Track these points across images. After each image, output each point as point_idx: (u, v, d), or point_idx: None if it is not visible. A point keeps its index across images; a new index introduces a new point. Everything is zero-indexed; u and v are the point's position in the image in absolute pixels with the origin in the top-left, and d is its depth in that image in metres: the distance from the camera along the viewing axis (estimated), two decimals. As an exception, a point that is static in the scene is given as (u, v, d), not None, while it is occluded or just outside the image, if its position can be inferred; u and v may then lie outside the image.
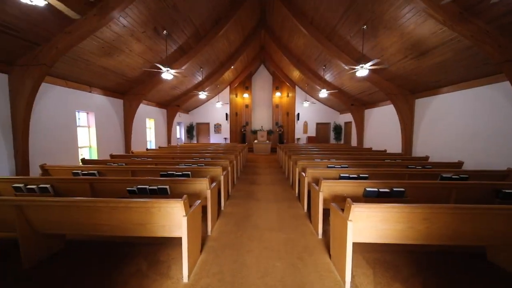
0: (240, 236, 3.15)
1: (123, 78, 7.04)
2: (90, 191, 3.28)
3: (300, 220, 3.73)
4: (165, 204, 2.19)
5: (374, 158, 6.16)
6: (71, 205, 2.29)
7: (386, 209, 2.09)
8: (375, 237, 2.19)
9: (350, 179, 3.88)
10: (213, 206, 3.33)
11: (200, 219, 2.68)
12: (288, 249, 2.81)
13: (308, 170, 4.07)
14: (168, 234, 2.31)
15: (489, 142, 4.95)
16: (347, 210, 2.12)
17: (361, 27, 5.69)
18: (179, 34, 6.54)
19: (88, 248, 2.83)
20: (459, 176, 3.85)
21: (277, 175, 7.36)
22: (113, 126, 7.72)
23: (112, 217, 2.30)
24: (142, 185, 3.19)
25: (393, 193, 2.99)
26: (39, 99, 5.04)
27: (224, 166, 5.04)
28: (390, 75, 6.97)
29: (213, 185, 3.48)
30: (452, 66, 5.20)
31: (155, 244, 2.88)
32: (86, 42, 4.87)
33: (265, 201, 4.71)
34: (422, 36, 4.84)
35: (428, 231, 2.12)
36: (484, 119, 5.07)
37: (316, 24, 7.01)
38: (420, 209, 2.07)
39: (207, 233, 3.22)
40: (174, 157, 6.40)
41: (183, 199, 2.15)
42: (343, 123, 13.97)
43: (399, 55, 5.83)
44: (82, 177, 3.52)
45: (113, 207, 2.25)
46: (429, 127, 6.88)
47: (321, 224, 3.09)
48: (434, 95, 6.56)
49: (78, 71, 5.72)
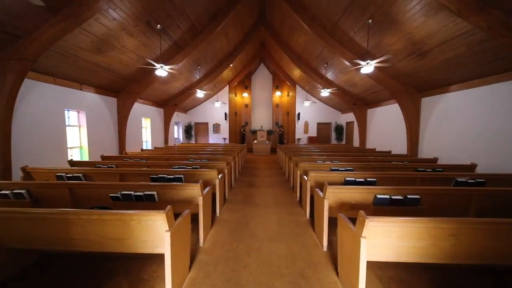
0: (236, 247, 2.84)
1: (116, 76, 6.73)
2: (70, 198, 2.96)
3: (302, 228, 3.41)
4: (146, 216, 1.87)
5: (379, 159, 5.84)
6: (35, 217, 1.97)
7: (406, 224, 1.77)
8: (392, 255, 1.87)
9: (356, 183, 3.57)
10: (205, 215, 3.01)
11: (188, 231, 2.36)
12: (290, 264, 2.49)
13: (311, 173, 3.75)
14: (151, 250, 1.99)
15: (504, 143, 4.63)
16: (360, 224, 1.80)
17: (365, 21, 5.37)
18: (174, 29, 6.22)
19: (64, 262, 2.51)
20: (475, 181, 3.53)
21: (277, 177, 7.04)
22: (106, 126, 7.40)
23: (86, 231, 1.98)
24: (127, 191, 2.87)
25: (407, 200, 2.67)
26: (24, 97, 4.73)
27: (220, 168, 4.72)
28: (395, 73, 6.65)
29: (206, 190, 3.16)
30: (464, 61, 4.88)
31: (139, 258, 2.55)
32: (73, 36, 4.55)
33: (264, 206, 4.39)
34: (432, 29, 4.52)
35: (455, 248, 1.81)
36: (500, 118, 4.74)
37: (318, 19, 6.69)
38: (446, 224, 1.75)
39: (199, 244, 2.90)
40: (169, 158, 6.08)
41: (166, 211, 1.83)
42: (344, 123, 13.65)
43: (406, 51, 5.50)
44: (60, 181, 3.20)
45: (86, 220, 1.94)
46: (436, 127, 6.56)
47: (326, 235, 2.77)
48: (442, 93, 6.24)
49: (67, 67, 5.40)
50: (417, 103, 7.15)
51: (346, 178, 3.62)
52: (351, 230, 1.92)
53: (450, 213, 2.88)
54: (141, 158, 5.93)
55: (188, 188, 2.90)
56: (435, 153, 6.42)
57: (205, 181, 3.89)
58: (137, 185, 2.99)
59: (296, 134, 14.91)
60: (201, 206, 2.82)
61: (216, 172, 3.95)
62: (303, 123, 14.86)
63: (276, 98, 15.22)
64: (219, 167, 4.70)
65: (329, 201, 2.75)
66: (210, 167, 4.60)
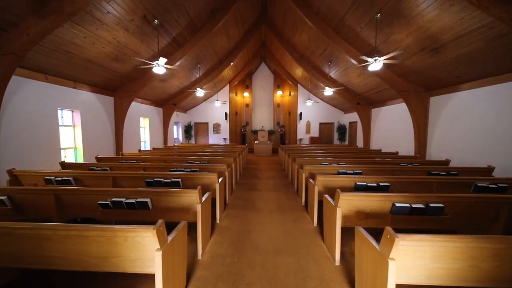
0: (237, 261, 2.56)
1: (112, 73, 6.45)
2: (55, 205, 2.69)
3: (310, 237, 3.13)
4: (133, 233, 1.59)
5: (387, 162, 5.56)
6: (5, 232, 1.69)
7: (440, 243, 1.50)
8: (423, 277, 1.59)
9: (368, 189, 3.30)
10: (204, 224, 2.73)
11: (185, 246, 2.08)
12: (299, 282, 2.21)
13: (319, 177, 3.47)
14: (141, 270, 1.72)
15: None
16: (387, 243, 1.52)
17: (374, 15, 5.09)
18: (172, 24, 5.94)
19: (46, 281, 2.24)
20: (497, 186, 3.26)
21: (280, 179, 6.76)
22: (102, 126, 7.12)
23: (65, 248, 1.70)
24: (118, 198, 2.60)
25: (429, 209, 2.39)
26: (12, 95, 4.45)
27: (221, 171, 4.45)
28: (403, 70, 6.36)
29: (205, 196, 2.88)
30: (479, 58, 4.59)
31: (130, 276, 2.27)
32: (64, 30, 4.28)
33: (267, 212, 4.11)
34: (445, 23, 4.23)
35: (498, 271, 1.53)
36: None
37: (322, 14, 6.41)
38: (490, 243, 1.47)
39: (197, 256, 2.62)
40: (166, 160, 5.80)
41: (156, 227, 1.55)
42: (347, 123, 13.36)
43: (416, 47, 5.21)
44: (44, 187, 2.93)
45: (64, 236, 1.66)
46: (446, 127, 6.27)
47: (338, 247, 2.49)
48: (453, 92, 5.95)
49: (60, 64, 5.12)
50: (426, 103, 6.86)
51: (357, 183, 3.34)
52: (375, 249, 1.64)
53: (475, 223, 2.60)
54: (137, 159, 5.65)
55: (185, 195, 2.62)
56: (445, 155, 6.14)
57: (205, 186, 3.62)
58: (128, 191, 2.72)
59: (298, 134, 14.63)
60: (199, 214, 2.54)
61: (216, 175, 3.67)
62: (305, 123, 14.57)
63: (278, 97, 14.94)
64: (219, 169, 4.42)
65: (342, 209, 2.47)
66: (210, 170, 4.32)
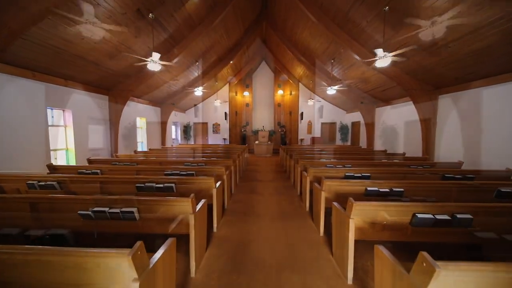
0: (236, 280, 2.25)
1: (105, 71, 6.15)
2: (31, 215, 2.39)
3: (316, 250, 2.83)
4: (105, 258, 1.29)
5: (395, 164, 5.26)
6: None
7: (486, 273, 1.19)
8: (463, 313, 1.29)
9: (380, 195, 2.99)
10: (198, 237, 2.43)
11: (172, 268, 1.78)
12: (307, 307, 1.91)
13: (326, 182, 3.16)
14: (118, 300, 1.42)
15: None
16: (421, 272, 1.22)
17: (381, 8, 4.78)
18: (169, 19, 5.64)
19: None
20: (523, 192, 2.95)
21: (281, 182, 6.46)
22: (96, 126, 6.82)
23: (24, 274, 1.40)
24: (101, 207, 2.30)
25: (455, 221, 2.09)
26: (-5, 93, 4.16)
27: (219, 174, 4.14)
28: (411, 68, 6.05)
29: (200, 204, 2.58)
30: (495, 53, 4.29)
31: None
32: (51, 24, 3.97)
33: (269, 219, 3.81)
34: (459, 16, 3.93)
35: (559, 307, 1.22)
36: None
37: (325, 9, 6.11)
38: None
39: (190, 274, 2.32)
40: (162, 162, 5.50)
41: (132, 252, 1.25)
42: (350, 123, 13.05)
43: (426, 41, 4.90)
44: (17, 196, 2.63)
45: (22, 261, 1.36)
46: (455, 127, 5.97)
47: (351, 263, 2.18)
48: (464, 90, 5.64)
49: (48, 60, 4.82)
50: (434, 101, 6.55)
51: (368, 188, 3.04)
52: (403, 277, 1.34)
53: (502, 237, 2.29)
54: (131, 162, 5.35)
55: (177, 204, 2.32)
56: (454, 156, 5.83)
57: (201, 191, 3.32)
58: (113, 199, 2.41)
59: (299, 135, 14.33)
60: (192, 227, 2.24)
61: (213, 180, 3.37)
62: (307, 123, 14.28)
63: (278, 97, 14.63)
64: (217, 173, 4.12)
65: (355, 221, 2.17)
66: (208, 173, 4.02)
